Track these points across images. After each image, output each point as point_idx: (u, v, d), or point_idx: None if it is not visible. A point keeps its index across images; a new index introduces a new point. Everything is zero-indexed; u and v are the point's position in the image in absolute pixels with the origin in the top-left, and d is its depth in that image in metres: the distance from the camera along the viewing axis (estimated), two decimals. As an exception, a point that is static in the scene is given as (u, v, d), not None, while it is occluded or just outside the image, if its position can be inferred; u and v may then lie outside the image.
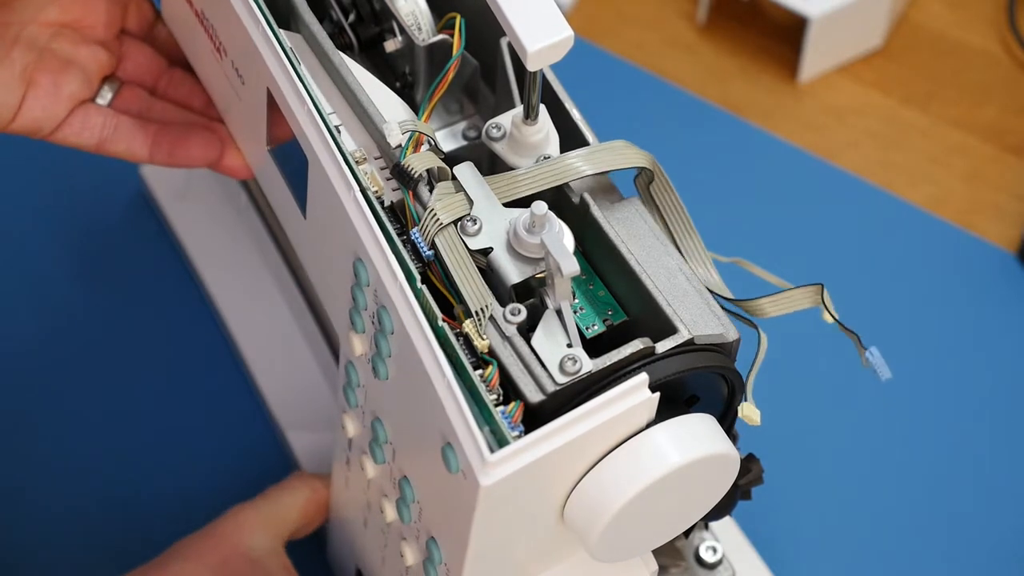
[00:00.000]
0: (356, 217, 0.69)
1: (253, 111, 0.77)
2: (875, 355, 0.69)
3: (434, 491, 0.69)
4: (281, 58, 0.72)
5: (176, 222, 1.00)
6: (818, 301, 0.70)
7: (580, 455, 0.66)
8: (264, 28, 0.72)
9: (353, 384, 0.74)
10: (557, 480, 0.66)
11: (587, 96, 0.84)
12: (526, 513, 0.67)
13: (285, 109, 0.72)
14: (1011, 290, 1.01)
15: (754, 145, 1.07)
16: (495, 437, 0.64)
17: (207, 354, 0.97)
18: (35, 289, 0.99)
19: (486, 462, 0.63)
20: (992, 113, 1.08)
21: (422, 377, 0.65)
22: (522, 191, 0.70)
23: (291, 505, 0.84)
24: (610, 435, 0.66)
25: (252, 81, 0.76)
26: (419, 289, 0.67)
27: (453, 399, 0.64)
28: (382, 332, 0.68)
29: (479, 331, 0.67)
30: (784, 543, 0.92)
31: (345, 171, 0.69)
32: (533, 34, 0.66)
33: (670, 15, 1.12)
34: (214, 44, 0.79)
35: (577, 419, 0.64)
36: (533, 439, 0.64)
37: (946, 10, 1.12)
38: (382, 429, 0.72)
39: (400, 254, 0.68)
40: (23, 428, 0.95)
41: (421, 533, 0.71)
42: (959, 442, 0.96)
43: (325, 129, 0.70)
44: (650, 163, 0.71)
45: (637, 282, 0.69)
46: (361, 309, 0.70)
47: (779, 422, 0.91)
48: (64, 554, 0.91)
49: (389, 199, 0.71)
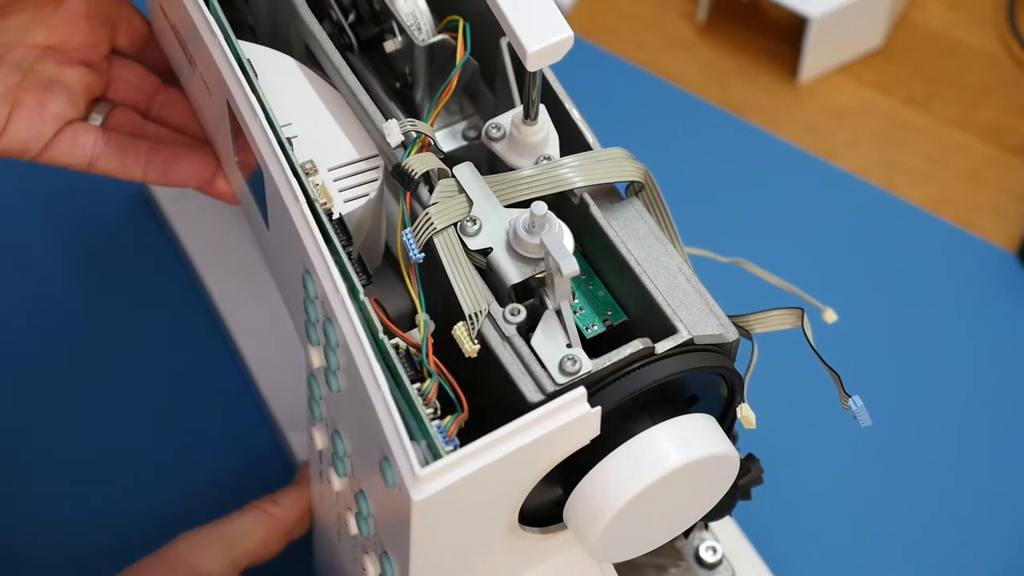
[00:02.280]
0: (303, 229, 0.68)
1: (221, 122, 0.77)
2: (858, 403, 0.69)
3: (381, 505, 0.68)
4: (235, 69, 0.71)
5: (176, 222, 1.00)
6: (798, 323, 0.70)
7: (520, 469, 0.65)
8: (219, 39, 0.72)
9: (316, 396, 0.73)
10: (499, 493, 0.66)
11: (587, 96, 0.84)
12: (471, 526, 0.67)
13: (240, 121, 0.72)
14: (1011, 290, 1.01)
15: (754, 145, 1.07)
16: (430, 451, 0.64)
17: (207, 354, 0.97)
18: (35, 289, 0.99)
19: (417, 477, 0.62)
20: (992, 113, 1.08)
21: (362, 389, 0.65)
22: (520, 196, 0.70)
23: (250, 532, 0.82)
24: (553, 450, 0.65)
25: (216, 93, 0.76)
26: (361, 302, 0.66)
27: (387, 412, 0.64)
28: (330, 345, 0.68)
29: (470, 336, 0.67)
30: (784, 543, 0.92)
31: (292, 183, 0.69)
32: (533, 34, 0.66)
33: (670, 15, 1.12)
34: (187, 56, 0.79)
35: (511, 433, 0.64)
36: (464, 454, 0.63)
37: (946, 10, 1.12)
38: (341, 442, 0.71)
39: (344, 267, 0.67)
40: (22, 428, 0.95)
41: (377, 547, 0.71)
42: (959, 442, 0.96)
43: (275, 140, 0.70)
44: (643, 176, 0.71)
45: (637, 282, 0.69)
46: (313, 322, 0.70)
47: (779, 422, 0.91)
48: (63, 555, 0.91)
49: (338, 211, 0.71)
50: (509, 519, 0.68)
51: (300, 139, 0.73)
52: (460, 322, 0.67)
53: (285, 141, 0.70)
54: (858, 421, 0.69)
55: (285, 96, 0.74)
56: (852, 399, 0.69)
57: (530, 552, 0.71)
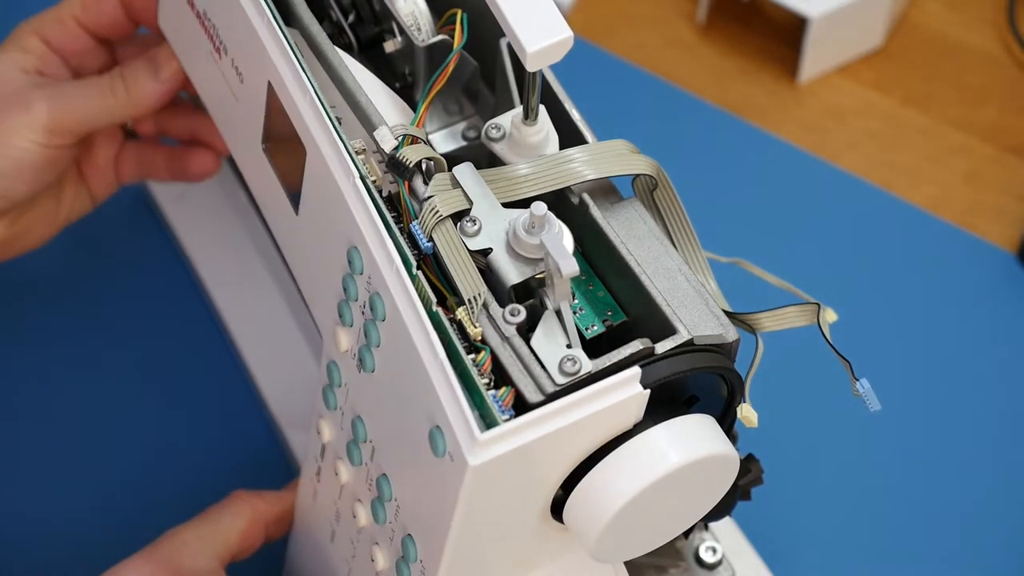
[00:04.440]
0: (355, 204, 0.69)
1: (250, 109, 0.77)
2: (865, 386, 0.69)
3: (416, 483, 0.69)
4: (286, 50, 0.72)
5: (176, 222, 1.00)
6: (813, 320, 0.71)
7: (568, 446, 0.66)
8: (270, 20, 0.73)
9: (335, 384, 0.74)
10: (543, 472, 0.66)
11: (587, 96, 0.84)
12: (512, 506, 0.67)
13: (287, 101, 0.72)
14: (1011, 290, 1.01)
15: (754, 145, 1.07)
16: (485, 422, 0.65)
17: (207, 354, 0.97)
18: (34, 288, 0.99)
19: (476, 441, 0.63)
20: (992, 113, 1.08)
21: (413, 362, 0.65)
22: (522, 194, 0.70)
23: (232, 526, 0.82)
24: (599, 429, 0.66)
25: (252, 77, 0.76)
26: (415, 275, 0.67)
27: (446, 381, 0.64)
28: (373, 321, 0.68)
29: (472, 319, 0.67)
30: (784, 543, 0.92)
31: (346, 159, 0.69)
32: (533, 34, 0.66)
33: (670, 15, 1.12)
34: (214, 44, 0.79)
35: (568, 407, 0.64)
36: (522, 423, 0.64)
37: (946, 10, 1.12)
38: (362, 427, 0.72)
39: (398, 240, 0.68)
40: (22, 427, 0.95)
41: (396, 532, 0.71)
42: (959, 442, 0.96)
43: (327, 118, 0.70)
44: (654, 170, 0.71)
45: (637, 283, 0.69)
46: (351, 300, 0.70)
47: (779, 422, 0.91)
48: (62, 555, 0.91)
49: (387, 190, 0.71)
50: (543, 506, 0.68)
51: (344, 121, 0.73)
52: (461, 307, 0.67)
53: (335, 120, 0.70)
54: (867, 406, 0.69)
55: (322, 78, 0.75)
56: (860, 382, 0.69)
57: (552, 542, 0.71)
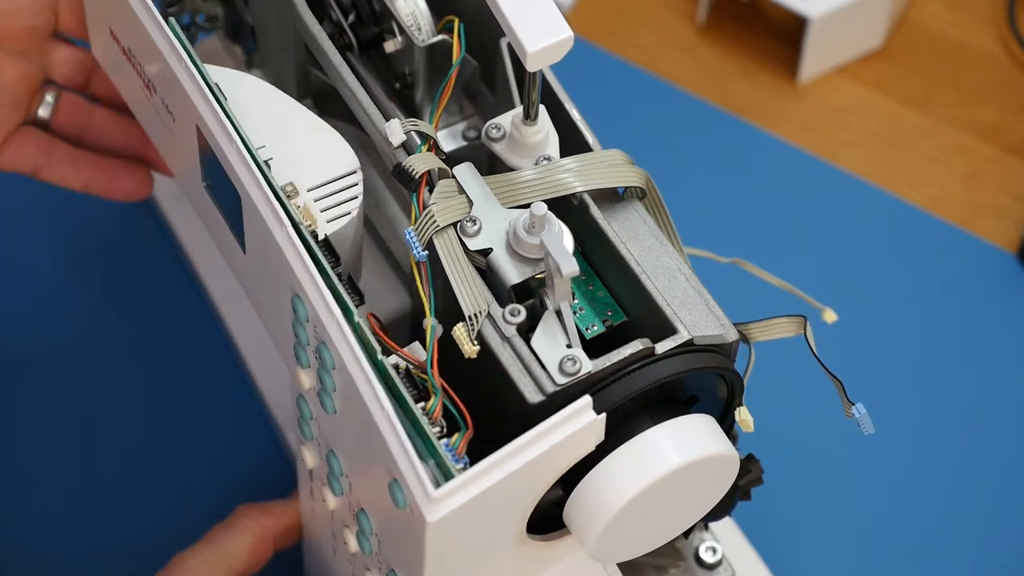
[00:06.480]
0: (290, 253, 0.67)
1: (186, 148, 0.75)
2: (861, 411, 0.69)
3: (388, 525, 0.68)
4: (207, 95, 0.70)
5: (176, 222, 1.00)
6: (800, 331, 0.70)
7: (529, 482, 0.65)
8: (188, 66, 0.71)
9: (306, 417, 0.73)
10: (511, 506, 0.66)
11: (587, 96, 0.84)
12: (482, 540, 0.67)
13: (214, 146, 0.71)
14: (1011, 290, 1.01)
15: (754, 145, 1.07)
16: (440, 471, 0.63)
17: (207, 354, 0.97)
18: (34, 289, 0.99)
19: (431, 498, 0.62)
20: (992, 113, 1.08)
21: (364, 413, 0.64)
22: (520, 198, 0.70)
23: (239, 546, 0.80)
24: (559, 461, 0.65)
25: (181, 118, 0.74)
26: (356, 323, 0.65)
27: (395, 435, 0.63)
28: (324, 368, 0.67)
29: (470, 337, 0.67)
30: (784, 543, 0.92)
31: (276, 206, 0.68)
32: (533, 35, 0.66)
33: (670, 15, 1.12)
34: (143, 81, 0.77)
35: (520, 448, 0.64)
36: (476, 472, 0.63)
37: (946, 10, 1.12)
38: (337, 462, 0.71)
39: (336, 289, 0.66)
40: (21, 428, 0.95)
41: (383, 564, 0.70)
42: (958, 442, 0.96)
43: (254, 165, 0.69)
44: (644, 182, 0.71)
45: (637, 283, 0.69)
46: (304, 345, 0.69)
47: (779, 422, 0.91)
48: (62, 557, 0.91)
49: (323, 232, 0.70)
50: (518, 529, 0.68)
51: (276, 161, 0.71)
52: (460, 323, 0.67)
53: (263, 164, 0.69)
54: (861, 429, 0.69)
55: (254, 118, 0.72)
56: (855, 407, 0.69)
57: (536, 558, 0.71)
